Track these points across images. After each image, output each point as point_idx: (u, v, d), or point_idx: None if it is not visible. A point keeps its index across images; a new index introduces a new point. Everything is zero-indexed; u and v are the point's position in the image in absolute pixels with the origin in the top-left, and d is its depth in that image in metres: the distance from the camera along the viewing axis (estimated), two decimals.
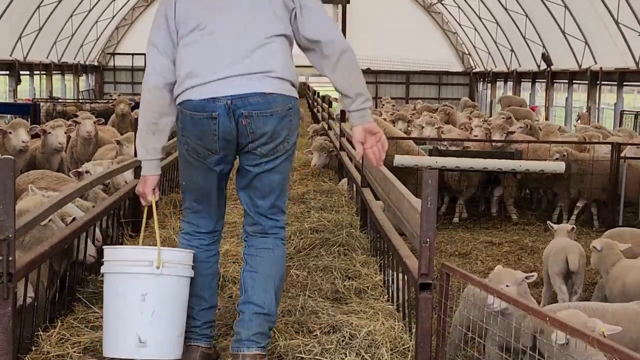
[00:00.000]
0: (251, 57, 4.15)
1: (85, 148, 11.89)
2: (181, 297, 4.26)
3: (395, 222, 5.96)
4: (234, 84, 4.14)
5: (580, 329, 3.69)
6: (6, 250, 4.24)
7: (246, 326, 4.31)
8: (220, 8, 4.23)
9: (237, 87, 4.14)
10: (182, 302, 4.28)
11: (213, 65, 4.16)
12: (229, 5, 4.24)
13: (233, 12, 4.22)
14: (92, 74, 40.67)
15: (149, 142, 4.35)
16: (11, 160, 4.43)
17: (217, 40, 4.18)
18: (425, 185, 4.30)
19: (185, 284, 4.28)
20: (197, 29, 4.21)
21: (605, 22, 23.09)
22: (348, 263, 6.68)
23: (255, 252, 4.41)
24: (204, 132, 4.20)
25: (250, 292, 4.35)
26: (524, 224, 13.21)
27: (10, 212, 4.27)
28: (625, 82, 24.14)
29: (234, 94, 4.13)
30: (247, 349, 4.26)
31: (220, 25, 4.21)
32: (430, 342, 4.42)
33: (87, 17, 35.36)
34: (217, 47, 4.18)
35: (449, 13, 40.04)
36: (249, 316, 4.32)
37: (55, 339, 4.88)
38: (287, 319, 5.08)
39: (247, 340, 4.28)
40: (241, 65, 4.15)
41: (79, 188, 6.21)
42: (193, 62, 4.19)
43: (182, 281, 4.26)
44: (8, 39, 28.28)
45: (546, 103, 30.14)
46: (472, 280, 4.51)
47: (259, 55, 4.16)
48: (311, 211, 8.80)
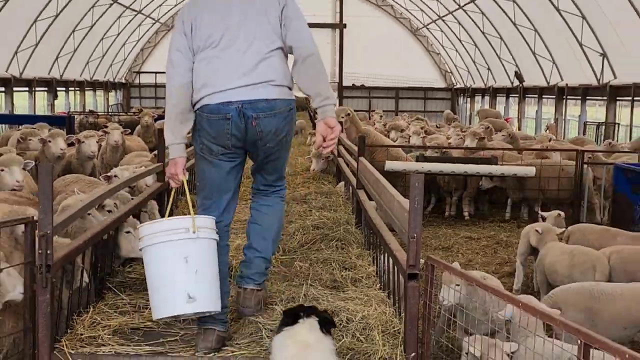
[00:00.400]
0: (256, 70, 4.48)
1: (113, 155, 11.88)
2: (215, 257, 4.45)
3: (387, 219, 5.97)
4: (244, 92, 4.46)
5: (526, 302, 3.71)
6: (45, 244, 4.25)
7: (247, 266, 4.89)
8: (230, 29, 4.52)
9: (246, 94, 4.46)
10: (216, 262, 4.46)
11: (226, 77, 4.47)
12: (236, 26, 4.51)
13: (240, 32, 4.52)
14: (119, 90, 40.66)
15: (178, 130, 4.59)
16: (50, 166, 4.44)
17: (228, 57, 4.50)
18: (412, 187, 4.31)
19: (215, 246, 4.47)
20: (211, 46, 4.52)
21: (570, 44, 23.11)
22: (345, 256, 6.67)
23: (259, 207, 4.94)
24: (219, 131, 4.50)
25: (252, 239, 4.90)
26: (499, 222, 13.24)
27: (49, 212, 4.27)
28: (588, 96, 24.17)
29: (243, 100, 4.45)
30: (246, 284, 4.83)
31: (229, 44, 4.51)
32: (417, 325, 4.42)
33: (116, 40, 35.40)
34: (228, 62, 4.49)
35: (433, 36, 40.04)
36: (250, 258, 4.89)
37: (88, 322, 4.89)
38: (292, 305, 5.08)
39: (247, 277, 4.86)
40: (248, 77, 4.47)
41: (110, 189, 6.22)
42: (208, 75, 4.51)
43: (213, 243, 4.46)
44: (47, 60, 28.33)
45: (519, 115, 30.16)
46: (454, 271, 4.52)
47: (262, 68, 4.50)
48: (312, 210, 8.80)
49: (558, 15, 22.69)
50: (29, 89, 27.25)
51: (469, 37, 33.45)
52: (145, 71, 41.95)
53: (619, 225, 9.54)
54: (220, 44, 4.51)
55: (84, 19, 29.60)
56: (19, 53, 25.48)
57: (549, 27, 24.29)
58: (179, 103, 4.59)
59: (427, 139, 15.61)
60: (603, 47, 21.52)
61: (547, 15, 23.55)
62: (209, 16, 4.56)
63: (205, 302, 4.31)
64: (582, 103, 24.57)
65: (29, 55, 26.21)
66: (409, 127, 18.50)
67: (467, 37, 33.63)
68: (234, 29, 4.52)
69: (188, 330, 4.86)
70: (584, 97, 24.29)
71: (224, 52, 4.51)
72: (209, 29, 4.52)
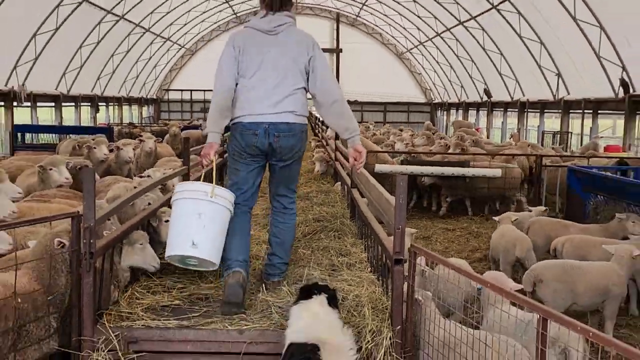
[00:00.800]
0: (282, 102, 4.91)
1: (147, 160, 11.87)
2: (223, 223, 4.76)
3: (376, 213, 5.97)
4: (271, 117, 4.90)
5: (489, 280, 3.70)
6: (88, 235, 4.26)
7: (272, 268, 5.30)
8: (267, 66, 4.92)
9: (272, 118, 4.90)
10: (223, 227, 4.77)
11: (258, 106, 4.90)
12: (271, 66, 4.92)
13: (274, 70, 4.93)
14: (151, 105, 40.63)
15: (217, 122, 4.93)
16: (92, 170, 4.46)
17: (261, 89, 4.91)
18: (398, 186, 4.31)
19: (227, 216, 4.79)
20: (247, 75, 4.93)
21: (530, 66, 23.11)
22: (341, 244, 6.68)
23: (277, 224, 5.29)
24: (248, 142, 4.93)
25: (275, 249, 5.30)
26: (471, 216, 13.25)
27: (92, 207, 4.28)
28: (545, 109, 24.17)
29: (270, 122, 4.89)
30: (273, 278, 5.26)
31: (264, 77, 4.92)
32: (402, 303, 4.42)
33: (148, 63, 35.41)
34: (262, 95, 4.90)
35: (415, 59, 40.03)
36: (274, 263, 5.31)
37: (126, 301, 4.90)
38: (296, 286, 5.08)
39: (273, 274, 5.30)
40: (275, 107, 4.90)
41: (146, 187, 6.26)
42: (244, 102, 4.92)
43: (226, 212, 4.76)
44: (90, 80, 28.36)
45: (487, 125, 30.16)
46: (433, 257, 4.51)
47: (287, 101, 4.93)
48: (314, 206, 8.81)
49: (520, 41, 22.71)
50: (75, 104, 27.25)
51: (445, 59, 33.46)
52: (173, 89, 41.95)
53: (572, 218, 9.54)
54: (255, 75, 4.91)
55: (121, 45, 29.63)
56: (66, 74, 25.51)
57: (513, 52, 24.29)
58: (222, 101, 4.91)
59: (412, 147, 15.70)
60: (558, 68, 21.53)
61: (511, 41, 23.55)
62: (251, 49, 4.94)
63: (205, 252, 4.63)
64: (541, 115, 24.58)
65: (75, 76, 26.23)
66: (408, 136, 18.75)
67: (444, 59, 33.64)
68: (269, 67, 4.92)
69: (209, 308, 4.88)
70: (542, 110, 24.30)
71: (259, 85, 4.91)
72: (249, 60, 4.93)
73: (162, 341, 4.42)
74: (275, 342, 4.31)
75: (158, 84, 40.74)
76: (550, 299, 6.25)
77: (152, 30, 31.74)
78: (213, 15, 37.54)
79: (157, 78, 39.74)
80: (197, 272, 5.67)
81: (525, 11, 21.20)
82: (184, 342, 4.43)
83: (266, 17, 4.99)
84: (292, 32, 5.02)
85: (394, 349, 4.31)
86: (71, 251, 4.38)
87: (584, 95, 20.24)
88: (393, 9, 33.18)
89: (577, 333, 3.10)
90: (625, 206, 8.79)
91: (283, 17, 4.98)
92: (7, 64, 20.60)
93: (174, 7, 30.87)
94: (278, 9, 4.99)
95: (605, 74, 18.17)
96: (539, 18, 20.70)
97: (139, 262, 5.21)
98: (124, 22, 27.56)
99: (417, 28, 33.54)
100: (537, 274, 6.41)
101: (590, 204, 9.86)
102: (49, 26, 21.58)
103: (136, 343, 4.39)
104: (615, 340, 2.90)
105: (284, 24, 4.97)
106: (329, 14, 40.60)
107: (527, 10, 21.05)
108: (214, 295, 5.15)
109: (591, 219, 9.55)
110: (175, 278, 5.54)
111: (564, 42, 20.15)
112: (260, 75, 4.91)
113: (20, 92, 21.10)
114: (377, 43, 41.53)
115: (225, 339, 4.42)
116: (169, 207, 5.51)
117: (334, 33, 40.85)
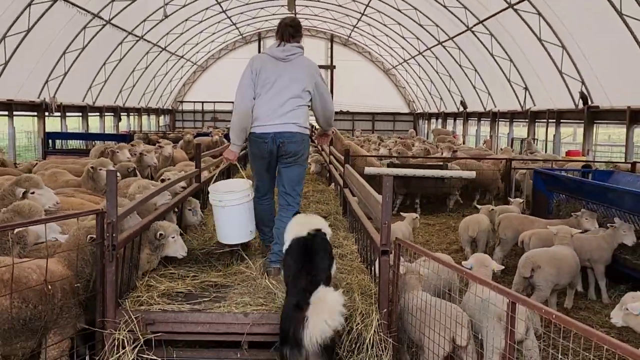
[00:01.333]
0: (287, 115, 5.36)
1: (164, 163, 11.88)
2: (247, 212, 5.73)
3: (365, 210, 5.97)
4: (277, 127, 5.36)
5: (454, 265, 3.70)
6: (111, 229, 4.26)
7: (274, 255, 5.41)
8: (278, 87, 5.36)
9: (278, 128, 5.35)
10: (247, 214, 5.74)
11: (268, 117, 5.36)
12: (282, 87, 5.36)
13: (285, 89, 5.36)
14: (167, 115, 40.51)
15: (238, 137, 5.50)
16: (114, 172, 4.44)
17: (272, 104, 5.35)
18: (384, 186, 4.32)
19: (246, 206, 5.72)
20: (262, 92, 5.37)
21: (501, 80, 23.15)
22: (334, 237, 6.68)
23: (281, 218, 5.47)
24: (259, 148, 5.46)
25: (277, 239, 5.39)
26: (448, 212, 13.26)
27: (114, 205, 4.28)
28: (514, 119, 24.19)
29: (276, 131, 5.36)
30: (274, 264, 5.37)
31: (274, 94, 5.36)
32: (388, 289, 4.42)
33: (164, 78, 35.35)
34: (272, 108, 5.35)
35: (400, 75, 40.01)
36: (275, 250, 5.40)
37: (144, 286, 4.89)
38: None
39: (274, 261, 5.39)
40: (281, 119, 5.35)
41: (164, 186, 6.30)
42: (258, 114, 5.38)
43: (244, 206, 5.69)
44: (113, 93, 28.28)
45: (463, 132, 30.18)
46: (415, 248, 4.51)
47: (292, 114, 5.37)
48: (311, 203, 8.83)
49: (492, 59, 22.74)
50: (99, 114, 27.16)
51: (426, 75, 33.49)
52: (187, 100, 41.85)
53: (537, 214, 9.56)
54: (268, 93, 5.35)
55: (140, 62, 29.55)
56: (92, 87, 25.43)
57: (486, 68, 24.32)
58: (242, 121, 5.40)
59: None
60: (525, 83, 21.58)
61: (484, 59, 23.58)
62: (266, 72, 5.37)
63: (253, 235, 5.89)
64: (510, 124, 24.61)
65: (100, 89, 26.15)
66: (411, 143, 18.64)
67: (425, 75, 33.67)
68: (280, 87, 5.35)
69: (218, 293, 4.87)
70: (512, 119, 24.32)
71: (270, 102, 5.35)
72: (264, 80, 5.36)
73: (176, 323, 4.42)
74: (276, 323, 4.31)
75: (173, 97, 40.66)
76: (544, 281, 6.37)
77: (168, 49, 31.69)
78: (222, 36, 37.50)
79: (173, 91, 39.68)
80: (207, 262, 5.68)
81: (497, 33, 21.25)
82: (196, 323, 4.43)
83: (280, 46, 5.46)
84: (302, 60, 5.50)
85: (382, 329, 4.31)
86: (96, 243, 4.38)
87: (548, 107, 20.30)
88: (381, 31, 33.20)
89: (542, 315, 3.10)
90: (584, 203, 8.80)
91: (294, 47, 5.47)
92: (39, 79, 20.55)
93: (187, 28, 30.86)
94: (289, 40, 5.47)
95: (566, 87, 18.23)
96: (509, 39, 20.75)
97: (172, 252, 5.31)
98: (143, 42, 27.50)
99: (402, 47, 33.57)
100: (534, 260, 6.52)
101: (553, 202, 9.87)
102: (77, 45, 21.54)
103: (153, 325, 4.39)
104: (576, 322, 2.91)
105: (295, 53, 5.46)
106: (324, 34, 40.61)
107: (498, 32, 21.11)
108: (223, 283, 5.15)
109: (554, 215, 9.56)
110: (187, 267, 5.54)
111: (531, 59, 20.20)
112: (272, 94, 5.35)
113: (51, 104, 21.05)
114: (366, 60, 41.53)
115: (232, 321, 4.43)
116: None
117: (328, 52, 40.84)
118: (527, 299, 3.26)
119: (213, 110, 41.16)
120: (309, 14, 35.27)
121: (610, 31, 14.71)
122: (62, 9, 18.67)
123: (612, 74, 16.05)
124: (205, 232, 7.11)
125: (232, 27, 36.28)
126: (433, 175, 12.45)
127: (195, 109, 41.53)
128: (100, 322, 4.32)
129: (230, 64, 40.50)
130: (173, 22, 28.09)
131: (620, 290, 7.40)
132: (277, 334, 4.18)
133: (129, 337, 4.24)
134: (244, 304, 4.56)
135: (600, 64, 16.27)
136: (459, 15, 22.56)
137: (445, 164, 13.18)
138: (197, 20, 30.53)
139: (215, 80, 40.62)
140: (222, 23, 34.19)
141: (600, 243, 7.28)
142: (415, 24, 27.23)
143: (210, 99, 40.85)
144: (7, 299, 3.81)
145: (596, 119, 17.55)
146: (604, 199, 8.33)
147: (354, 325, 4.34)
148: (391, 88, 41.88)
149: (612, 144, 21.81)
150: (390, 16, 29.05)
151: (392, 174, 11.38)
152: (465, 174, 12.42)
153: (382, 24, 31.34)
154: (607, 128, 19.67)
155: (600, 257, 7.25)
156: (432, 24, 25.96)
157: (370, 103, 40.83)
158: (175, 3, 25.62)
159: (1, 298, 3.80)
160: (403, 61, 35.88)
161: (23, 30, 17.36)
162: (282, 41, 5.47)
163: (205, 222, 7.50)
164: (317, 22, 37.44)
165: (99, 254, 4.35)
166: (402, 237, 6.54)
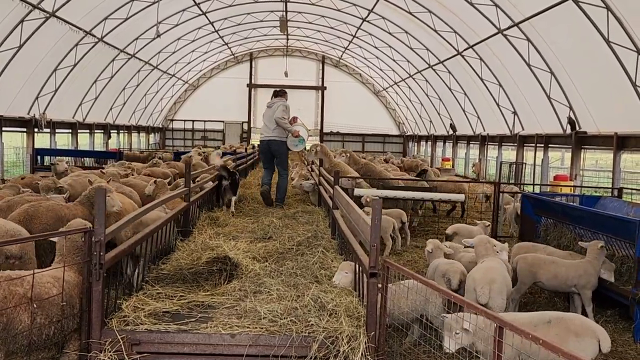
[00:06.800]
0: (274, 130, 11.39)
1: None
2: None
3: (354, 232, 5.98)
4: (269, 136, 11.53)
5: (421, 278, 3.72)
6: (99, 248, 4.24)
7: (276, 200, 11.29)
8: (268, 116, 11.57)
9: (269, 136, 11.52)
10: None
11: (264, 132, 11.64)
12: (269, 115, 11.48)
13: (270, 117, 11.43)
14: (157, 133, 40.50)
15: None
16: (104, 191, 4.42)
17: (266, 124, 11.59)
18: (373, 209, 4.34)
19: None
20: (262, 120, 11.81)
21: (490, 104, 23.39)
22: (323, 259, 6.68)
23: (279, 181, 11.55)
24: (261, 148, 11.77)
25: (277, 195, 11.49)
26: (437, 234, 13.26)
27: (102, 223, 4.26)
28: (503, 143, 24.39)
29: (268, 139, 11.50)
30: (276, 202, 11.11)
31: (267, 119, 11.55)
32: (376, 311, 4.42)
33: (155, 96, 35.40)
34: (265, 127, 11.61)
35: (390, 97, 40.34)
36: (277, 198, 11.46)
37: (131, 307, 4.86)
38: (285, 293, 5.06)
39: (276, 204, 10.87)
40: (269, 133, 11.52)
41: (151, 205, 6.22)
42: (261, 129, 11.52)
43: None
44: (104, 110, 28.28)
45: (453, 156, 30.37)
46: (403, 270, 4.52)
47: (275, 130, 11.42)
48: (299, 225, 8.82)
49: (482, 83, 23.00)
50: (89, 131, 27.10)
51: (416, 97, 33.79)
52: (177, 119, 41.90)
53: (525, 238, 9.60)
54: (263, 119, 11.67)
55: (131, 80, 29.61)
56: (82, 104, 25.41)
57: (475, 92, 24.59)
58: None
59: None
60: (514, 107, 21.81)
61: (474, 83, 23.86)
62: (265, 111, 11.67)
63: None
64: (499, 147, 24.80)
65: (90, 106, 26.14)
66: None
67: (415, 97, 33.96)
68: (269, 114, 11.52)
69: (205, 314, 4.85)
70: (501, 143, 24.52)
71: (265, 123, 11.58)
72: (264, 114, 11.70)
73: (162, 343, 4.39)
74: (264, 345, 4.29)
75: (164, 115, 40.68)
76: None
77: (159, 67, 31.78)
78: (213, 55, 37.71)
79: (163, 109, 39.71)
80: (195, 282, 5.65)
81: (486, 57, 21.52)
82: (182, 344, 4.40)
83: (271, 100, 11.66)
84: (277, 104, 11.45)
85: (369, 352, 4.30)
86: (84, 262, 4.36)
87: (536, 131, 20.51)
88: (371, 53, 33.51)
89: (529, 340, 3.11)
90: (572, 228, 8.86)
91: (277, 100, 11.57)
92: (30, 95, 20.52)
93: (179, 47, 31.01)
94: (275, 97, 11.66)
95: (555, 113, 18.45)
96: (498, 63, 21.02)
97: None
98: (134, 60, 27.58)
99: (392, 70, 33.89)
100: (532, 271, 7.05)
101: (541, 226, 9.93)
102: (68, 62, 21.57)
103: (139, 345, 4.35)
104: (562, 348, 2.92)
105: (275, 103, 11.52)
106: (315, 56, 40.89)
107: (488, 56, 21.38)
108: (210, 303, 5.13)
109: (542, 239, 9.61)
110: (175, 287, 5.51)
111: (520, 84, 20.46)
112: (265, 120, 11.69)
113: (41, 120, 21.01)
114: (357, 82, 41.84)
115: (219, 342, 4.40)
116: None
117: (319, 73, 41.11)
118: (513, 324, 3.27)
119: (203, 129, 41.19)
120: (301, 36, 35.59)
121: (597, 58, 14.96)
122: (55, 26, 18.73)
123: (600, 100, 16.29)
124: (194, 251, 7.09)
125: (224, 46, 36.50)
126: (422, 197, 12.49)
127: (186, 128, 41.60)
128: (86, 343, 4.28)
129: (221, 83, 40.69)
130: (165, 40, 28.23)
131: (607, 316, 7.41)
132: (265, 355, 4.16)
133: (114, 358, 4.19)
134: (231, 325, 4.54)
135: (588, 90, 16.52)
136: (450, 40, 22.86)
137: (434, 187, 13.23)
138: (189, 40, 30.71)
139: (206, 99, 40.76)
140: (214, 42, 34.40)
141: (587, 268, 7.29)
142: (406, 47, 27.54)
143: (200, 117, 40.97)
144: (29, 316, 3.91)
145: (584, 144, 17.76)
146: (591, 224, 8.39)
147: (340, 348, 4.32)
148: (381, 110, 42.19)
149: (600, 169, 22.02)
150: (382, 39, 29.37)
151: (382, 195, 11.41)
152: (454, 197, 12.47)
153: (373, 47, 31.67)
154: (594, 153, 19.84)
155: (587, 282, 7.27)
156: (423, 47, 26.26)
157: (361, 124, 41.09)
158: (167, 22, 25.78)
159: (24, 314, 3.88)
160: (394, 83, 36.20)
161: (15, 46, 17.39)
162: (273, 97, 11.71)
163: (194, 240, 7.48)
164: (309, 43, 37.77)
165: (85, 273, 4.33)
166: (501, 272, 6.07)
